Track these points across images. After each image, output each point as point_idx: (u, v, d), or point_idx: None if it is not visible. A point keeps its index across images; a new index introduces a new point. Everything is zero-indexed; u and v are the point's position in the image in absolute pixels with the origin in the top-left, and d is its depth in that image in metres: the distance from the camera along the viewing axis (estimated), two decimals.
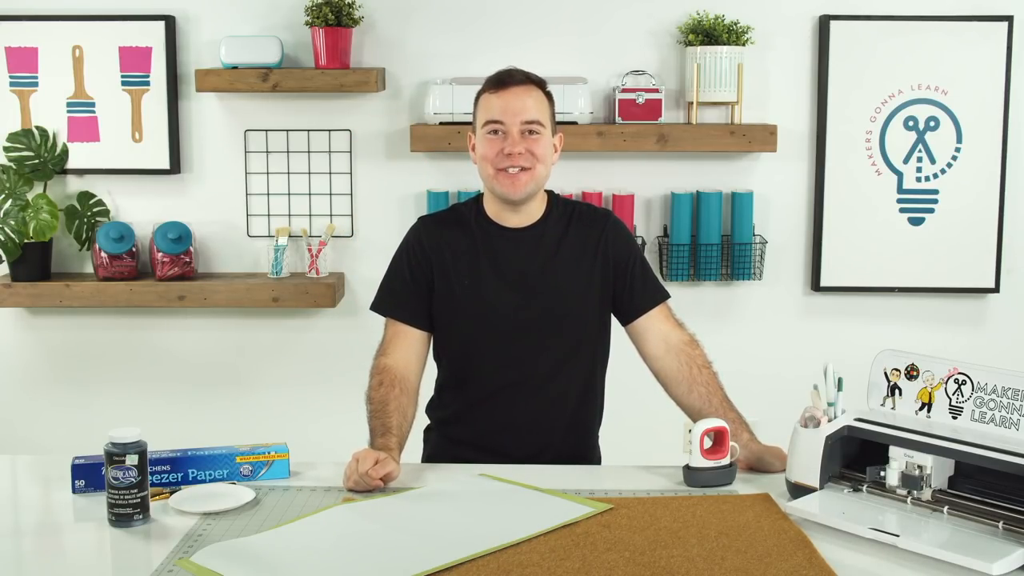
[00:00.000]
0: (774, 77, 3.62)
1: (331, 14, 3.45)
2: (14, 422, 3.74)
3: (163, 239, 3.55)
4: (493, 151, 2.30)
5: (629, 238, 2.46)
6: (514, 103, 2.29)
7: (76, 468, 2.08)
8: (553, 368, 2.36)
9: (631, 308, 2.40)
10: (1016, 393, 1.89)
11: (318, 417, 3.70)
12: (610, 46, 3.60)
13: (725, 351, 3.70)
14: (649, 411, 2.44)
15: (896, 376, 2.02)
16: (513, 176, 2.30)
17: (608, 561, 1.75)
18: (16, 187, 3.52)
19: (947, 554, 1.74)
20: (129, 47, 3.58)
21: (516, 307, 2.34)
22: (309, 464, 2.22)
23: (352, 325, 3.66)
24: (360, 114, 3.63)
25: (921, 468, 1.90)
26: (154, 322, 3.71)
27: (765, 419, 3.70)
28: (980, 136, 3.60)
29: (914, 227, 3.64)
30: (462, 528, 1.88)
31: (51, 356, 3.74)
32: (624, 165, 3.64)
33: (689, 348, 2.38)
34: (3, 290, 3.54)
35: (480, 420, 2.39)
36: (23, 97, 3.61)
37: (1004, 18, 3.56)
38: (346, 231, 3.68)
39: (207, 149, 3.65)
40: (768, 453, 2.21)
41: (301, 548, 1.81)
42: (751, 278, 3.62)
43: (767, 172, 3.65)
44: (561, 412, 2.38)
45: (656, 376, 2.41)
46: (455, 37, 3.60)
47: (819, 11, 3.59)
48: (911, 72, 3.58)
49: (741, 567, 1.73)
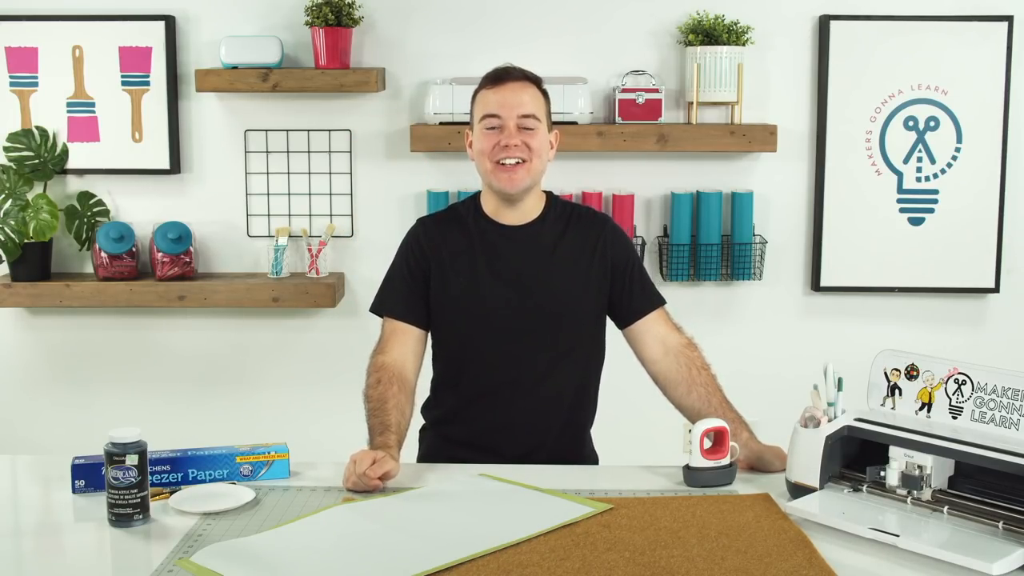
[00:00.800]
0: (774, 77, 3.62)
1: (331, 14, 3.45)
2: (14, 422, 3.74)
3: (163, 239, 3.55)
4: (490, 145, 2.31)
5: (628, 243, 2.48)
6: (511, 98, 2.31)
7: (76, 468, 2.08)
8: (548, 367, 2.37)
9: (629, 312, 2.41)
10: (1016, 393, 1.89)
11: (318, 417, 3.70)
12: (610, 46, 3.60)
13: (725, 351, 3.71)
14: (649, 411, 2.44)
15: (896, 376, 2.02)
16: (510, 169, 2.31)
17: (608, 561, 1.75)
18: (16, 187, 3.52)
19: (947, 554, 1.74)
20: (129, 47, 3.58)
21: (512, 305, 2.35)
22: (309, 464, 2.22)
23: (352, 325, 3.66)
24: (360, 114, 3.63)
25: (921, 468, 1.90)
26: (154, 322, 3.71)
27: (765, 419, 3.70)
28: (980, 136, 3.60)
29: (914, 227, 3.64)
30: (462, 528, 1.88)
31: (51, 356, 3.74)
32: (624, 165, 3.64)
33: (687, 350, 2.38)
34: (3, 290, 3.54)
35: (475, 419, 2.40)
36: (23, 97, 3.61)
37: (1004, 18, 3.56)
38: (346, 231, 3.68)
39: (207, 149, 3.65)
40: (768, 452, 2.21)
41: (301, 548, 1.81)
42: (751, 278, 3.62)
43: (767, 172, 3.65)
44: (556, 411, 2.39)
45: (654, 379, 2.41)
46: (455, 37, 3.60)
47: (819, 11, 3.59)
48: (911, 72, 3.58)
49: (741, 567, 1.73)
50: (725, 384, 2.37)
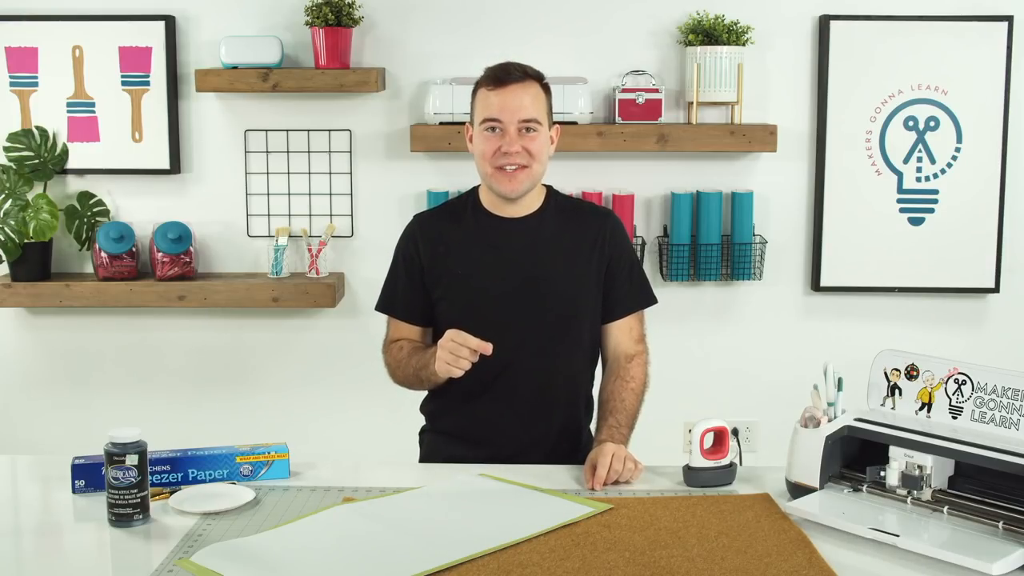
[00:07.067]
0: (774, 77, 3.62)
1: (331, 14, 3.45)
2: (14, 422, 3.74)
3: (163, 239, 3.55)
4: (491, 149, 2.31)
5: (628, 241, 2.49)
6: (512, 102, 2.30)
7: (76, 468, 2.08)
8: (545, 360, 2.37)
9: (604, 311, 2.43)
10: (1016, 393, 1.89)
11: (318, 417, 3.70)
12: (610, 46, 3.60)
13: (725, 351, 3.74)
14: (649, 411, 2.43)
15: (896, 376, 2.02)
16: (510, 174, 2.31)
17: (608, 561, 1.75)
18: (16, 187, 3.51)
19: (947, 554, 1.75)
20: (129, 47, 3.58)
21: (510, 296, 2.35)
22: (309, 464, 2.22)
23: (352, 325, 3.66)
24: (360, 114, 3.63)
25: (921, 468, 1.90)
26: (154, 322, 3.71)
27: (765, 419, 3.72)
28: (980, 136, 3.60)
29: (914, 227, 3.64)
30: (462, 528, 1.88)
31: (51, 356, 3.74)
32: (624, 165, 3.64)
33: (624, 361, 2.41)
34: (3, 290, 3.54)
35: (472, 411, 2.40)
36: (23, 97, 3.61)
37: (1004, 18, 3.56)
38: (346, 231, 3.68)
39: (207, 149, 3.65)
40: (607, 447, 2.16)
41: (301, 548, 1.81)
42: (751, 278, 3.62)
43: (767, 172, 3.65)
44: (553, 405, 2.39)
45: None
46: (455, 37, 3.60)
47: (819, 11, 3.59)
48: (911, 72, 3.58)
49: (741, 567, 1.73)
50: (725, 384, 2.37)
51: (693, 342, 3.71)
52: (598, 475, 2.09)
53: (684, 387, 3.65)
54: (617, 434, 2.27)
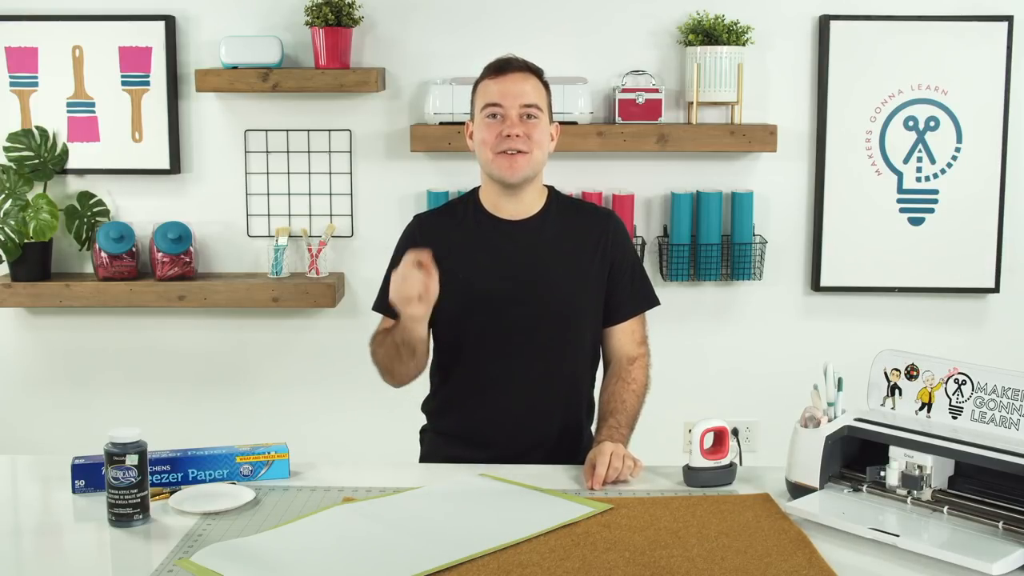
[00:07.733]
0: (774, 77, 3.62)
1: (331, 14, 3.45)
2: (14, 422, 3.74)
3: (163, 239, 3.55)
4: (492, 134, 2.31)
5: (630, 242, 2.49)
6: (513, 87, 2.31)
7: (76, 468, 2.08)
8: (546, 361, 2.36)
9: (607, 314, 2.43)
10: (1016, 393, 1.89)
11: (318, 417, 3.70)
12: (610, 46, 3.60)
13: (725, 351, 3.74)
14: (649, 411, 2.43)
15: (896, 376, 2.02)
16: (511, 158, 2.31)
17: (608, 561, 1.75)
18: (16, 187, 3.51)
19: (947, 554, 1.74)
20: (129, 47, 3.58)
21: (510, 298, 2.34)
22: (309, 464, 2.22)
23: (352, 325, 3.66)
24: (360, 114, 3.63)
25: (921, 468, 1.90)
26: (154, 322, 3.71)
27: (765, 419, 3.72)
28: (980, 136, 3.60)
29: (914, 227, 3.64)
30: (462, 528, 1.88)
31: (51, 356, 3.74)
32: (624, 165, 3.64)
33: (627, 364, 2.41)
34: (3, 290, 3.54)
35: (472, 412, 2.40)
36: (23, 97, 3.61)
37: (1004, 18, 3.56)
38: (346, 231, 3.68)
39: (207, 149, 3.65)
40: (606, 447, 2.15)
41: (301, 548, 1.80)
42: (751, 278, 3.62)
43: (767, 172, 3.65)
44: (553, 406, 2.39)
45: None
46: (455, 37, 3.60)
47: (819, 11, 3.59)
48: (911, 72, 3.58)
49: (741, 567, 1.73)
50: (725, 384, 2.37)
51: (693, 342, 3.71)
52: (598, 474, 2.09)
53: (684, 387, 3.65)
54: (617, 434, 2.27)
